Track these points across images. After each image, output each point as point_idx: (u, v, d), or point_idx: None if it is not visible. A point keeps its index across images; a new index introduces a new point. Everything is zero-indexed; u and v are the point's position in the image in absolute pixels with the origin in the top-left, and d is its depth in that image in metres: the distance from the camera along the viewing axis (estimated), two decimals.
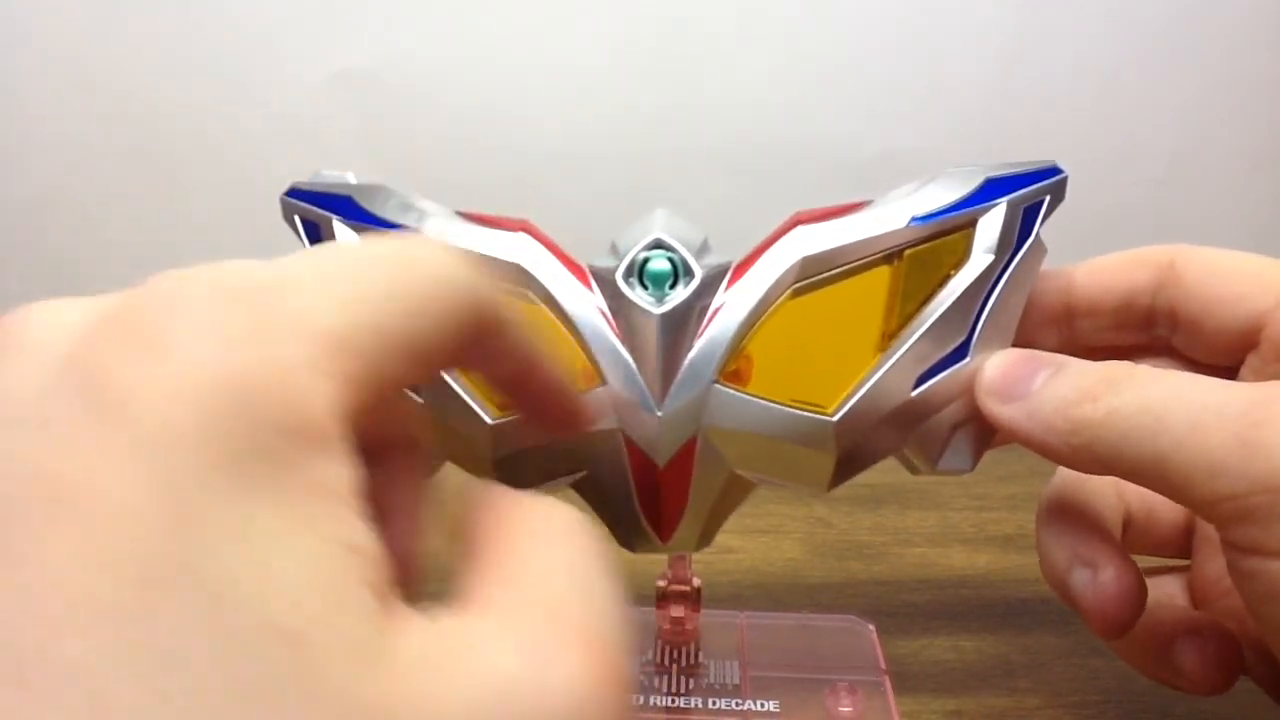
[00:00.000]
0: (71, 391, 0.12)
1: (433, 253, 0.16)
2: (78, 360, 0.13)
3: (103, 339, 0.13)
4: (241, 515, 0.12)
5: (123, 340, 0.13)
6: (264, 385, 0.13)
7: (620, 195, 0.57)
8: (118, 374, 0.12)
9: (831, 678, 0.33)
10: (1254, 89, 0.57)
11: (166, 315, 0.13)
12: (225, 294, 0.13)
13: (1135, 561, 0.24)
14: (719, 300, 0.24)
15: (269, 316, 0.13)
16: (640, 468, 0.25)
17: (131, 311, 0.13)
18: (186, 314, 0.13)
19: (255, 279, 0.14)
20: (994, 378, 0.24)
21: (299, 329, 0.13)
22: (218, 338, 0.13)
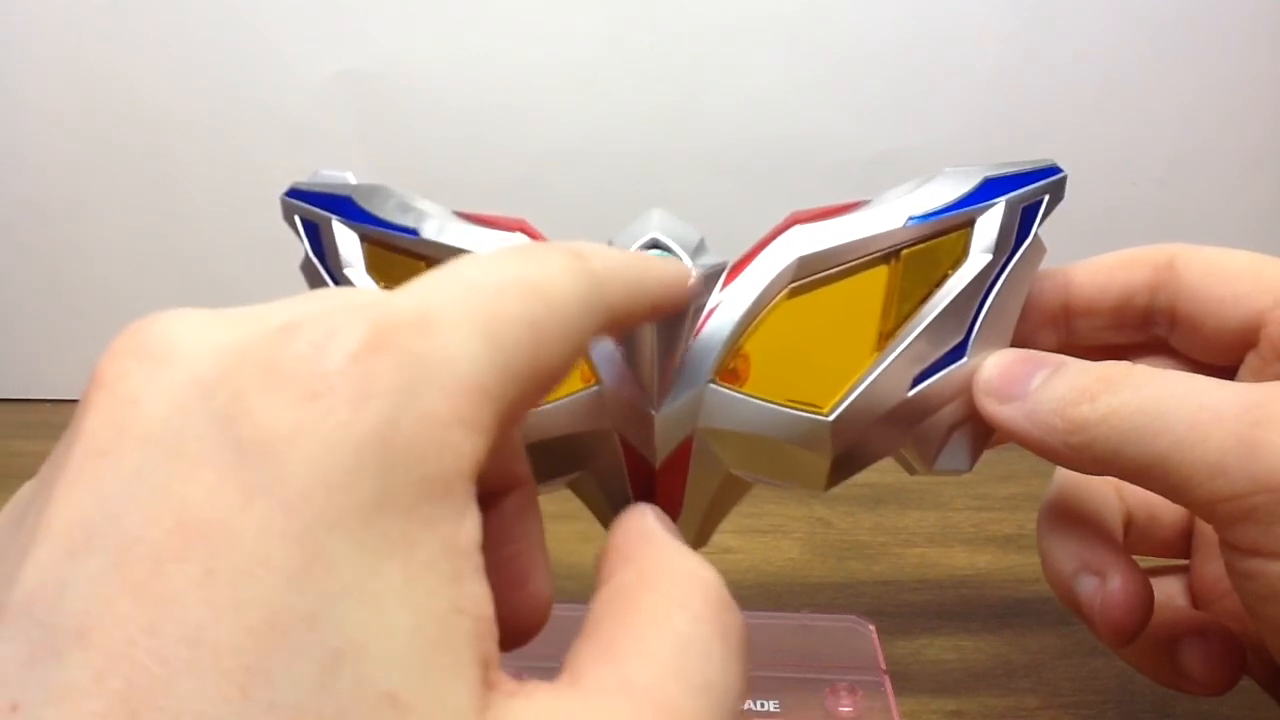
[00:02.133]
0: (211, 423, 0.12)
1: (562, 275, 0.16)
2: (221, 391, 0.13)
3: (248, 372, 0.13)
4: (368, 571, 0.12)
5: (269, 378, 0.12)
6: (406, 441, 0.12)
7: (619, 195, 0.57)
8: (262, 414, 0.12)
9: (831, 678, 0.33)
10: (1254, 89, 0.57)
11: (315, 356, 0.13)
12: (375, 335, 0.13)
13: (1141, 568, 0.24)
14: (715, 300, 0.24)
15: (416, 365, 0.13)
16: (636, 468, 0.25)
17: (279, 345, 0.13)
18: (336, 357, 0.13)
19: (401, 315, 0.13)
20: (992, 377, 0.23)
21: (446, 380, 0.13)
22: (367, 388, 0.12)
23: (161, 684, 0.11)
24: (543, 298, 0.15)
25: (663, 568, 0.16)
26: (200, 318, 0.14)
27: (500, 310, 0.14)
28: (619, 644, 0.15)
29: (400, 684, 0.11)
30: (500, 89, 0.57)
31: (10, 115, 0.58)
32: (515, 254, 0.16)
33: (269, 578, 0.11)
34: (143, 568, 0.11)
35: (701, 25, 0.56)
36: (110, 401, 0.13)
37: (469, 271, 0.15)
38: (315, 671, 0.11)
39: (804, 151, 0.58)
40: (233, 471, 0.12)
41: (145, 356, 0.13)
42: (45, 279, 0.62)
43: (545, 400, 0.25)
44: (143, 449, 0.12)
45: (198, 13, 0.56)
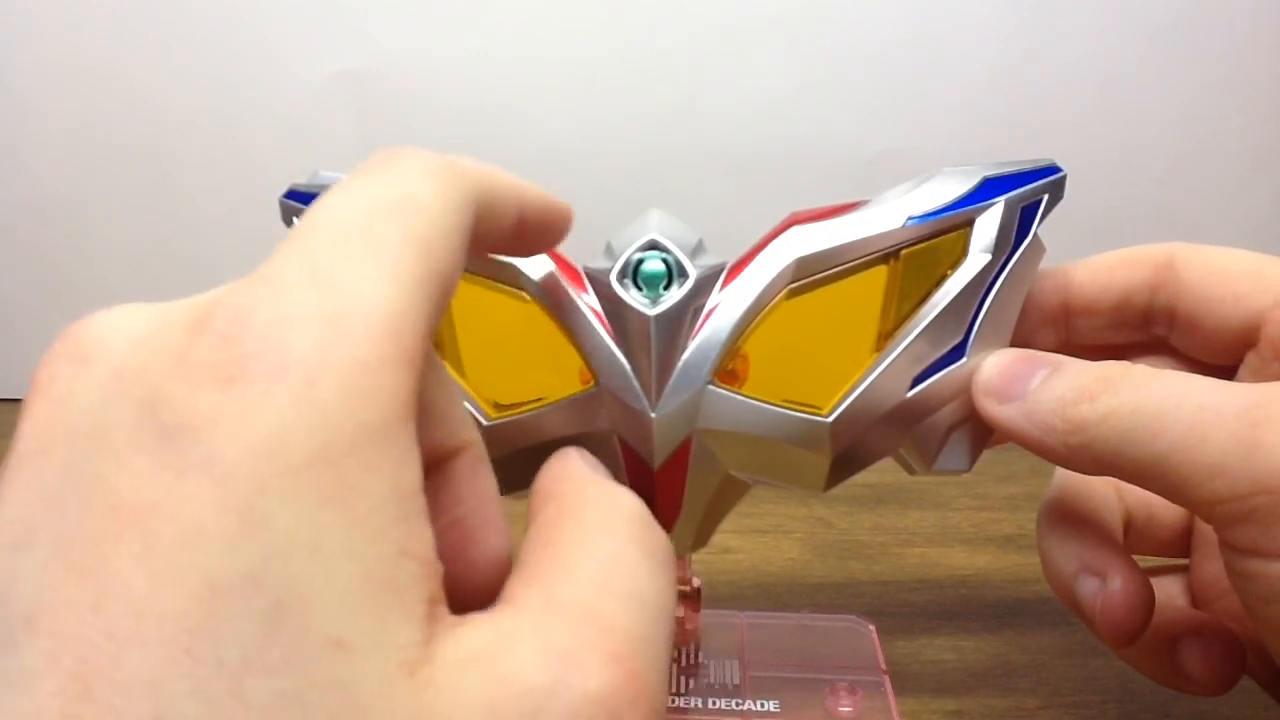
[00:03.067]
0: (133, 413, 0.13)
1: (423, 180, 0.16)
2: (141, 380, 0.13)
3: (164, 364, 0.13)
4: (306, 524, 0.12)
5: (184, 368, 0.13)
6: (332, 395, 0.13)
7: (619, 195, 0.57)
8: (181, 402, 0.12)
9: (831, 678, 0.33)
10: (1254, 89, 0.57)
11: (223, 344, 0.13)
12: (274, 309, 0.13)
13: (1141, 568, 0.24)
14: (714, 301, 0.24)
15: (323, 322, 0.13)
16: (635, 469, 0.25)
17: (190, 338, 0.13)
18: (243, 341, 0.13)
19: (291, 281, 0.14)
20: (991, 378, 0.23)
21: (355, 327, 0.13)
22: (279, 360, 0.13)
23: (111, 657, 0.11)
24: (415, 209, 0.15)
25: (583, 498, 0.17)
26: (124, 314, 0.14)
27: (383, 238, 0.14)
28: (545, 569, 0.15)
29: (344, 628, 0.12)
30: (500, 88, 0.57)
31: (10, 115, 0.58)
32: (375, 172, 0.16)
33: (206, 544, 0.12)
34: (83, 552, 0.12)
35: (701, 25, 0.56)
36: (42, 403, 0.14)
37: (339, 208, 0.15)
38: (259, 626, 0.11)
39: (804, 151, 0.58)
40: (160, 454, 0.12)
41: (73, 357, 0.14)
42: (45, 279, 0.62)
43: (544, 402, 0.25)
44: (73, 443, 0.13)
45: (197, 13, 0.56)
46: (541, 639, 0.13)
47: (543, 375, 0.25)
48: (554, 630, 0.14)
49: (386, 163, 0.16)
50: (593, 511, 0.17)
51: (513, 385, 0.25)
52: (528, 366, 0.25)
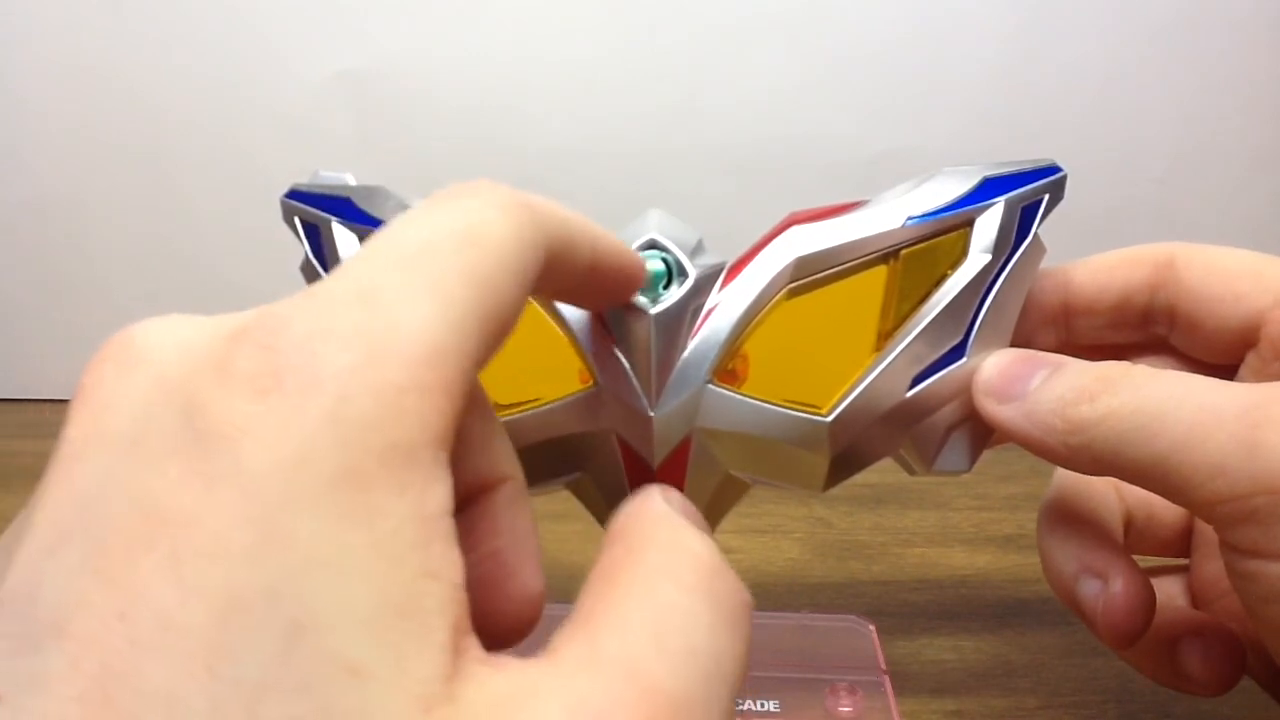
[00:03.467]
0: (173, 420, 0.13)
1: (494, 215, 0.16)
2: (182, 388, 0.13)
3: (205, 373, 0.13)
4: (329, 543, 0.12)
5: (223, 377, 0.13)
6: (361, 415, 0.13)
7: (620, 195, 0.57)
8: (218, 409, 0.12)
9: (831, 678, 0.33)
10: (1254, 89, 0.57)
11: (263, 355, 0.13)
12: (316, 323, 0.13)
13: (1142, 569, 0.24)
14: (713, 300, 0.24)
15: (364, 341, 0.13)
16: (634, 469, 0.25)
17: (231, 348, 0.13)
18: (283, 352, 0.13)
19: (340, 296, 0.14)
20: (991, 378, 0.23)
21: (396, 349, 0.13)
22: (314, 374, 0.13)
23: (133, 666, 0.11)
24: (479, 243, 0.15)
25: (649, 541, 0.16)
26: (169, 324, 0.14)
27: (439, 267, 0.14)
28: (596, 617, 0.14)
29: (361, 653, 0.12)
30: (500, 89, 0.57)
31: (10, 115, 0.58)
32: (446, 203, 0.16)
33: (230, 559, 0.12)
34: (113, 558, 0.12)
35: (701, 25, 0.56)
36: (85, 407, 0.14)
37: (401, 234, 0.15)
38: (277, 645, 0.11)
39: (804, 151, 0.58)
40: (194, 462, 0.12)
41: (117, 363, 0.14)
42: (45, 279, 0.62)
43: (544, 401, 0.25)
44: (113, 448, 0.13)
45: (197, 12, 0.56)
46: (572, 695, 0.13)
47: (542, 375, 0.25)
48: (588, 687, 0.13)
49: (462, 194, 0.16)
50: (656, 555, 0.16)
51: (512, 384, 0.25)
52: (527, 366, 0.25)
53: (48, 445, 0.14)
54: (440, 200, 0.16)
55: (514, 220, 0.16)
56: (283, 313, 0.13)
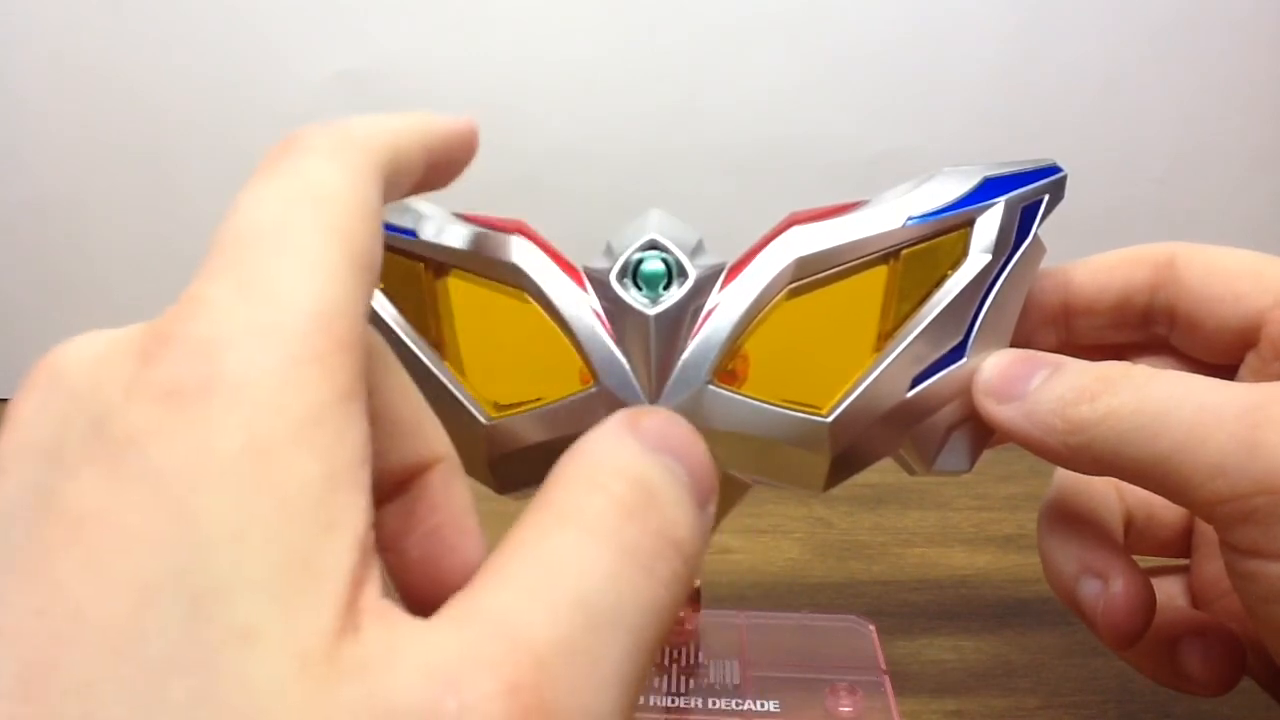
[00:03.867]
0: (86, 429, 0.13)
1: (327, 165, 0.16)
2: (93, 401, 0.13)
3: (114, 385, 0.13)
4: (236, 512, 0.12)
5: (131, 386, 0.13)
6: (260, 393, 0.13)
7: (620, 195, 0.57)
8: (127, 416, 0.13)
9: (831, 678, 0.33)
10: (1254, 89, 0.57)
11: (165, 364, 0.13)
12: (205, 328, 0.14)
13: (1142, 570, 0.24)
14: (713, 301, 0.24)
15: (249, 328, 0.13)
16: None
17: (138, 360, 0.14)
18: (178, 360, 0.13)
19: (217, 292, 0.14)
20: (991, 378, 0.23)
21: (284, 327, 0.14)
22: (210, 370, 0.13)
23: (51, 659, 0.11)
24: (325, 199, 0.15)
25: (563, 484, 0.15)
26: (84, 342, 0.15)
27: (299, 237, 0.15)
28: (483, 574, 0.14)
29: (254, 615, 0.12)
30: (500, 89, 0.57)
31: (10, 115, 0.58)
32: (280, 165, 0.16)
33: (141, 549, 0.12)
34: (32, 560, 0.12)
35: (701, 25, 0.56)
36: (10, 428, 0.14)
37: (246, 218, 0.15)
38: (181, 621, 0.12)
39: (804, 151, 0.58)
40: (105, 465, 0.13)
41: (39, 385, 0.14)
42: (45, 279, 0.62)
43: (544, 401, 0.25)
44: (34, 461, 0.13)
45: (197, 12, 0.56)
46: (434, 653, 0.12)
47: (542, 375, 0.25)
48: (452, 643, 0.12)
49: (289, 151, 0.16)
50: (565, 496, 0.15)
51: (513, 385, 0.25)
52: (527, 366, 0.25)
53: None
54: (274, 164, 0.16)
55: (347, 162, 0.16)
56: (177, 323, 0.14)
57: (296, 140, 0.17)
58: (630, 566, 0.14)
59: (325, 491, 0.13)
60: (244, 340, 0.13)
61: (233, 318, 0.14)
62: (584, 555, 0.14)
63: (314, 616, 0.12)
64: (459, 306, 0.25)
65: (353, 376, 0.14)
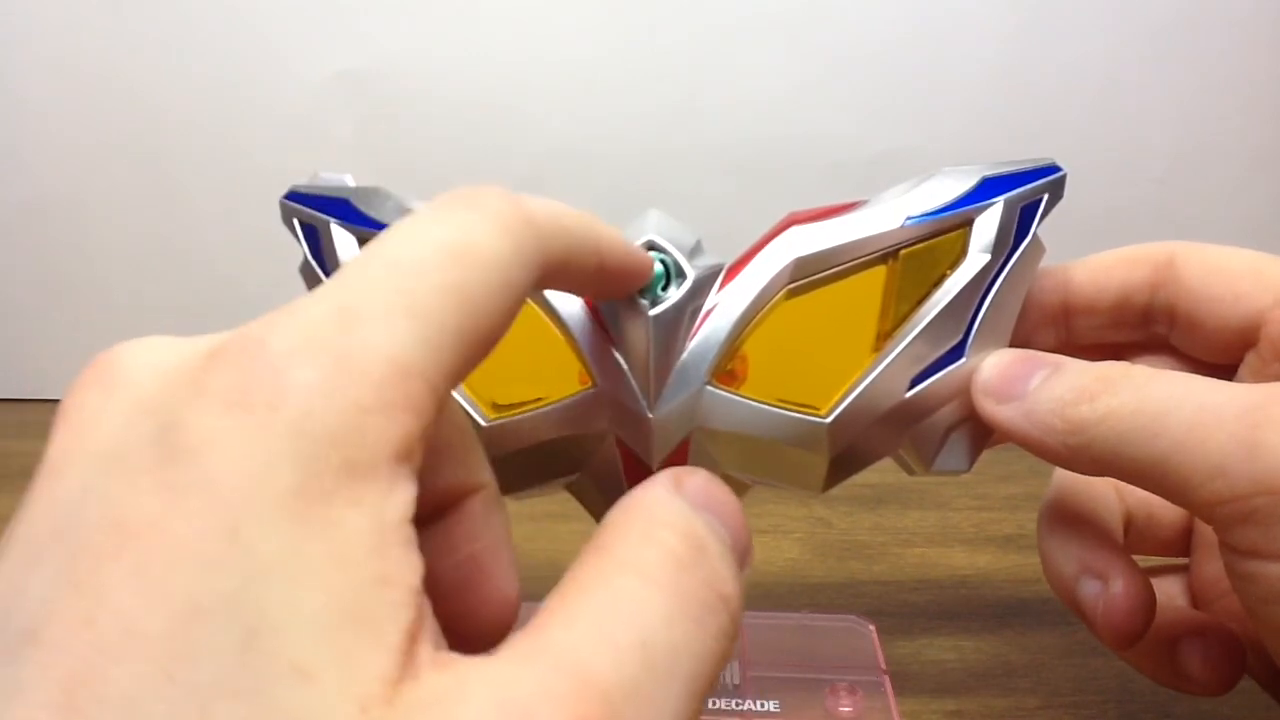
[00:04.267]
0: (149, 437, 0.13)
1: (487, 229, 0.16)
2: (159, 406, 0.13)
3: (181, 391, 0.13)
4: (288, 551, 0.12)
5: (197, 394, 0.13)
6: (323, 430, 0.13)
7: (620, 195, 0.57)
8: (191, 425, 0.13)
9: (831, 678, 0.33)
10: (1254, 89, 0.57)
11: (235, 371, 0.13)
12: (290, 341, 0.13)
13: (1142, 570, 0.24)
14: (712, 301, 0.24)
15: (334, 359, 0.13)
16: (633, 470, 0.25)
17: (207, 365, 0.14)
18: (254, 369, 0.13)
19: (318, 314, 0.14)
20: (990, 378, 0.23)
21: (365, 368, 0.13)
22: (282, 391, 0.13)
23: (97, 672, 0.11)
24: (468, 260, 0.15)
25: (620, 533, 0.16)
26: (149, 345, 0.15)
27: (422, 284, 0.14)
28: (548, 613, 0.14)
29: (309, 655, 0.12)
30: (500, 89, 0.57)
31: (10, 115, 0.58)
32: (440, 214, 0.16)
33: (193, 567, 0.12)
34: (85, 569, 0.12)
35: (701, 25, 0.56)
36: (67, 427, 0.14)
37: (390, 248, 0.15)
38: (233, 650, 0.12)
39: (804, 151, 0.58)
40: (164, 474, 0.13)
41: (99, 384, 0.14)
42: (45, 279, 0.62)
43: (543, 402, 0.25)
44: (91, 465, 0.13)
45: (197, 12, 0.56)
46: (503, 689, 0.12)
47: (541, 376, 0.25)
48: (521, 680, 0.13)
49: (460, 204, 0.16)
50: (622, 547, 0.15)
51: (511, 386, 0.25)
52: (526, 367, 0.25)
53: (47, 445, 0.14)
54: (436, 211, 0.16)
55: (509, 236, 0.16)
56: (259, 332, 0.14)
57: (474, 195, 0.16)
58: (685, 616, 0.14)
59: (375, 545, 0.13)
60: (323, 362, 0.13)
61: (320, 337, 0.13)
62: (644, 601, 0.14)
63: (370, 662, 0.12)
64: None
65: (414, 439, 0.14)
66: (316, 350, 0.13)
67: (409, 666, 0.13)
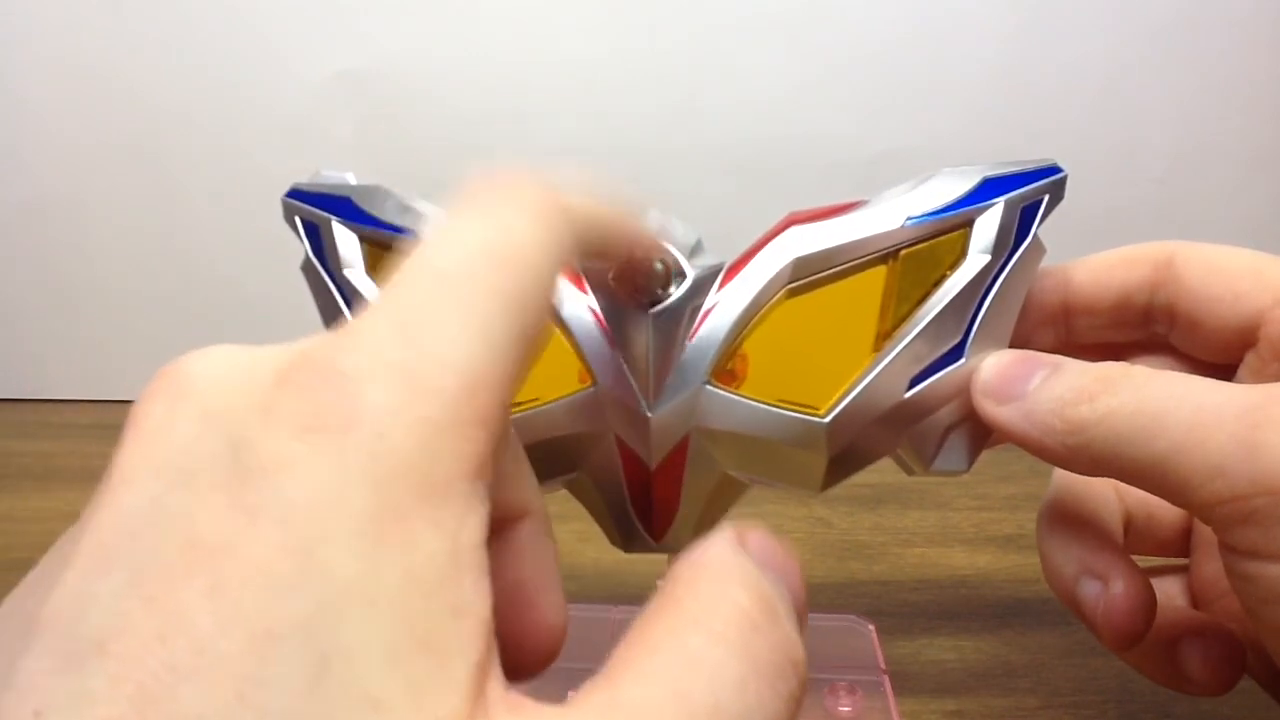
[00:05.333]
0: (220, 454, 0.13)
1: (527, 226, 0.16)
2: (230, 424, 0.13)
3: (252, 412, 0.13)
4: (363, 576, 0.12)
5: (268, 416, 0.13)
6: (397, 452, 0.13)
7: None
8: (263, 446, 0.13)
9: (831, 678, 0.33)
10: (1254, 89, 0.57)
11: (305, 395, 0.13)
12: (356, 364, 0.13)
13: (1143, 571, 0.24)
14: (711, 301, 0.24)
15: (401, 378, 0.13)
16: (632, 469, 0.25)
17: (276, 388, 0.14)
18: (324, 392, 0.13)
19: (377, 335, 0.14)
20: (990, 378, 0.23)
21: (434, 385, 0.13)
22: (354, 413, 0.13)
23: (168, 689, 0.11)
24: (514, 261, 0.15)
25: (691, 589, 0.15)
26: (217, 357, 0.15)
27: (476, 291, 0.14)
28: (621, 666, 0.14)
29: (383, 686, 0.12)
30: (501, 88, 0.57)
31: (10, 115, 0.58)
32: (479, 210, 0.16)
33: (268, 589, 0.12)
34: (156, 584, 0.12)
35: (701, 25, 0.56)
36: (135, 437, 0.14)
37: (436, 259, 0.15)
38: (305, 676, 0.11)
39: (804, 151, 0.58)
40: (238, 495, 0.12)
41: (167, 395, 0.14)
42: (45, 279, 0.62)
43: (542, 401, 0.25)
44: (161, 477, 0.13)
45: (197, 12, 0.56)
46: None
47: (541, 375, 0.25)
48: None
49: (495, 199, 0.16)
50: (693, 604, 0.15)
51: None
52: None
53: (48, 445, 0.14)
54: (474, 207, 0.16)
55: (548, 230, 0.16)
56: (325, 352, 0.14)
57: (514, 187, 0.16)
58: (757, 678, 0.14)
59: (451, 570, 0.13)
60: (392, 382, 0.13)
61: (385, 357, 0.13)
62: (716, 661, 0.14)
63: (442, 697, 0.12)
64: None
65: (485, 453, 0.14)
66: (385, 371, 0.13)
67: (479, 703, 0.12)
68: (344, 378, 0.13)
